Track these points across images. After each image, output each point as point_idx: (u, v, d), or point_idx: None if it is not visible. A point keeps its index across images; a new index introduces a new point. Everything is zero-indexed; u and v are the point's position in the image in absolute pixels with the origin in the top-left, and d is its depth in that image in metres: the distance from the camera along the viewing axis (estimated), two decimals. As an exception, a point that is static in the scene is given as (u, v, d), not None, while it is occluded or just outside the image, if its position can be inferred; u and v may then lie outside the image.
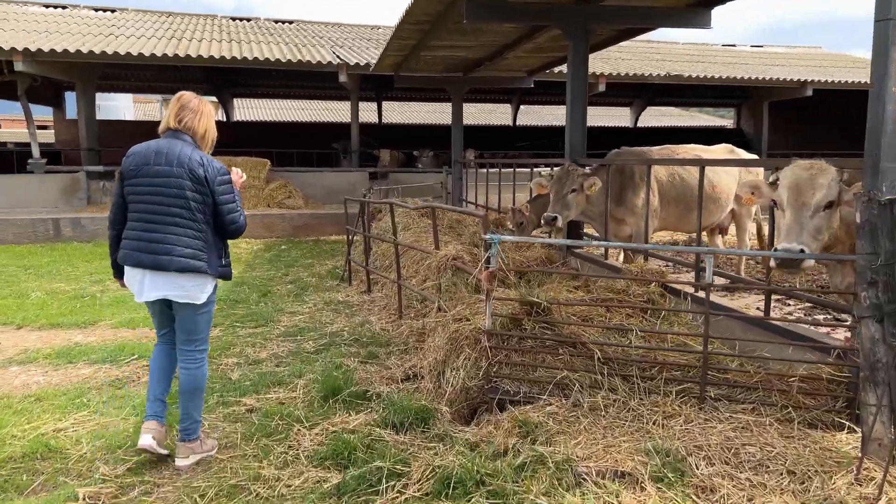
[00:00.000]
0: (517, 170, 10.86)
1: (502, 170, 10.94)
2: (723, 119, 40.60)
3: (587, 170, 6.87)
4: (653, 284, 4.73)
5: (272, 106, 32.54)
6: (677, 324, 4.38)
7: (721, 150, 7.63)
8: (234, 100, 26.92)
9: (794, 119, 22.59)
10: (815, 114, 22.02)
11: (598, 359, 3.81)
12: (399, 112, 32.15)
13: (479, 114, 31.59)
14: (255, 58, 14.46)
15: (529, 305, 3.90)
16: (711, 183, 7.24)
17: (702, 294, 4.69)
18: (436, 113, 32.04)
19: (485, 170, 12.52)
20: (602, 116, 33.62)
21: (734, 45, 25.93)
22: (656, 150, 7.37)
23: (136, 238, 3.53)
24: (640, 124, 29.75)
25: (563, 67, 15.66)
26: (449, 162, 18.73)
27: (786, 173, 3.80)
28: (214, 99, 26.08)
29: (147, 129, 25.13)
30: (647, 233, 6.18)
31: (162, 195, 3.50)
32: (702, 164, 5.41)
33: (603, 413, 3.65)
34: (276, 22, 21.82)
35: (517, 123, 28.59)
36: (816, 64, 20.85)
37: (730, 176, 7.34)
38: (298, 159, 19.37)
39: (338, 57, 15.43)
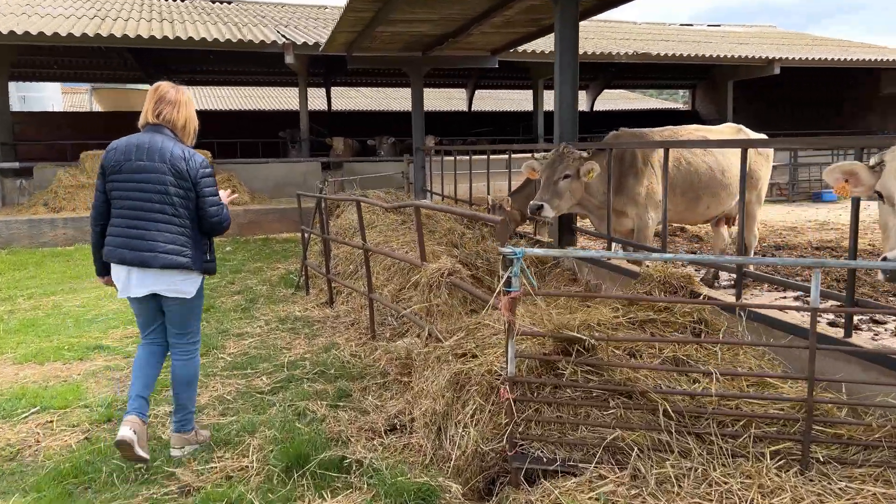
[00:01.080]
0: (492, 157, 9.88)
1: (473, 157, 9.88)
2: (671, 102, 40.48)
3: (584, 153, 5.88)
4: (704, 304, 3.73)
5: (213, 94, 30.63)
6: (742, 353, 3.40)
7: (728, 130, 6.74)
8: (171, 88, 25.07)
9: (755, 99, 22.17)
10: (778, 94, 21.63)
11: (663, 412, 2.81)
12: (349, 99, 30.67)
13: (435, 99, 30.35)
14: (190, 38, 12.98)
15: (567, 342, 2.87)
16: (722, 167, 6.34)
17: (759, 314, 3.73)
18: (388, 99, 30.73)
19: (451, 158, 11.46)
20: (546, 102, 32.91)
21: (691, 25, 25.41)
22: (656, 132, 6.42)
23: (120, 235, 3.51)
24: (595, 108, 29.11)
25: (528, 46, 14.72)
26: (408, 150, 17.65)
27: (897, 155, 2.85)
28: (149, 87, 24.23)
29: (74, 121, 23.24)
30: (664, 225, 5.21)
31: (144, 191, 3.48)
32: (743, 145, 4.44)
33: (676, 489, 2.65)
34: (214, 1, 20.17)
35: (473, 109, 27.54)
36: (778, 42, 20.41)
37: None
38: (242, 150, 17.89)
39: (283, 36, 14.06)
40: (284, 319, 6.42)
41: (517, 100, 32.79)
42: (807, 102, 22.36)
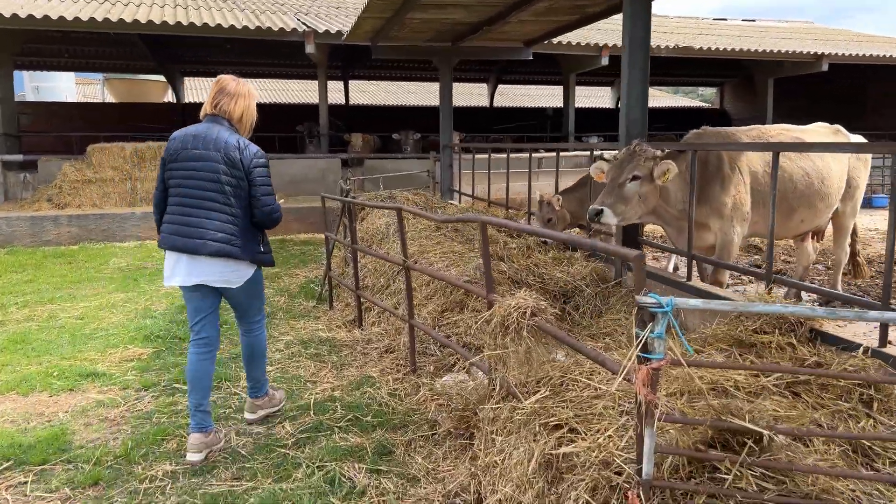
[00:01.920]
0: (524, 156, 9.02)
1: (510, 155, 9.00)
2: (687, 100, 39.24)
3: (659, 152, 5.00)
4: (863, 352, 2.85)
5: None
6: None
7: (823, 131, 5.81)
8: (185, 79, 24.34)
9: (795, 96, 21.05)
10: (819, 91, 20.53)
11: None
12: (366, 93, 29.82)
13: (454, 94, 29.34)
14: (205, 24, 12.16)
15: (730, 433, 2.01)
16: (821, 175, 5.42)
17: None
18: (406, 93, 29.87)
19: (483, 156, 10.61)
20: (580, 98, 31.79)
21: (725, 20, 24.37)
22: (742, 132, 5.51)
23: (173, 222, 3.56)
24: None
25: (563, 38, 13.79)
26: (432, 147, 16.82)
27: None
28: (162, 78, 23.51)
29: (84, 111, 22.53)
30: (770, 248, 4.31)
31: (197, 178, 3.53)
32: (883, 149, 3.54)
33: None
34: (230, -11, 19.34)
35: (494, 104, 26.62)
36: (822, 37, 19.33)
37: (841, 165, 5.55)
38: (259, 145, 17.08)
39: (304, 24, 13.22)
40: (308, 342, 5.57)
41: (538, 95, 31.81)
42: (841, 99, 21.21)
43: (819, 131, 5.77)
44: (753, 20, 24.40)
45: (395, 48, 11.61)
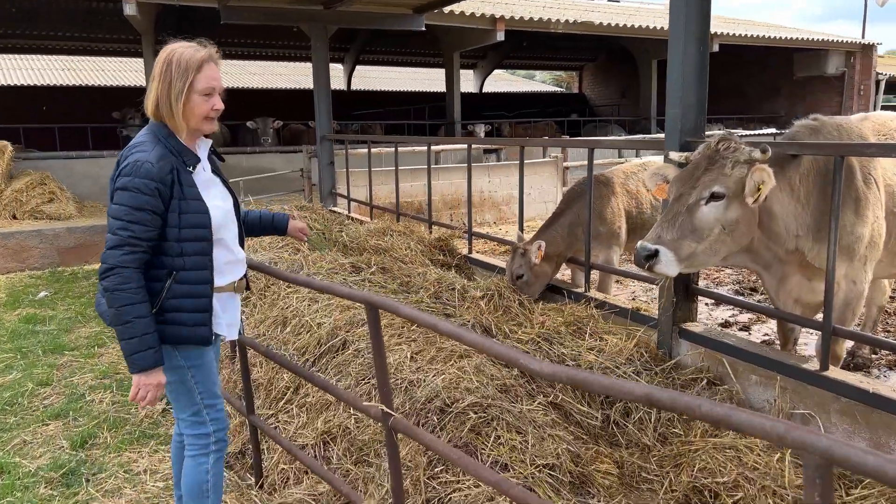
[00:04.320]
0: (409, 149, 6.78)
1: (399, 149, 6.69)
2: (544, 85, 38.77)
3: (758, 152, 2.99)
4: None
5: (33, 65, 24.39)
6: None
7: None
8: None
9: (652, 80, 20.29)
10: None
11: None
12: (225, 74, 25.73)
13: (298, 75, 26.14)
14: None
15: None
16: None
17: None
18: (249, 75, 26.23)
19: (347, 149, 8.32)
20: (438, 80, 29.67)
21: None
22: (854, 122, 3.59)
23: None
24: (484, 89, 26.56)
25: (455, 7, 11.59)
26: (293, 138, 14.02)
27: None
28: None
29: None
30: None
31: None
32: None
33: None
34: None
35: (352, 87, 23.93)
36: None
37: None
38: (63, 138, 13.31)
39: (119, -22, 9.92)
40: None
41: (395, 78, 29.40)
42: (730, 84, 20.93)
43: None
44: (618, 1, 23.69)
45: (252, 10, 8.80)
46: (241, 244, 2.68)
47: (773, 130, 14.73)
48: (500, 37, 12.03)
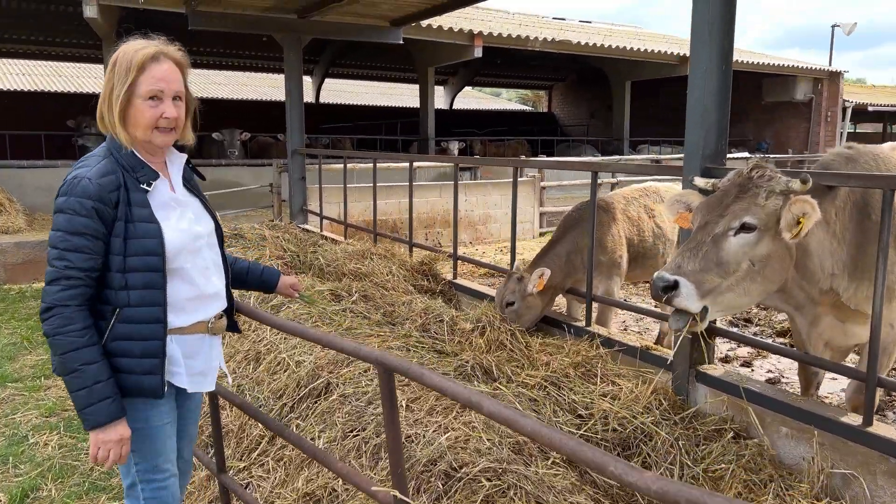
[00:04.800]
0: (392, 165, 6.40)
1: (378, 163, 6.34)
2: (511, 103, 38.77)
3: (791, 183, 2.71)
4: None
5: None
6: None
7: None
8: None
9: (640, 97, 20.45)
10: (649, 102, 20.20)
11: None
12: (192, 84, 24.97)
13: (264, 87, 25.56)
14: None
15: None
16: None
17: None
18: (215, 86, 25.57)
19: (320, 163, 7.96)
20: (408, 95, 29.40)
21: (564, 19, 23.49)
22: (888, 150, 3.35)
23: None
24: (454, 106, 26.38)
25: (433, 21, 11.30)
26: (260, 151, 13.55)
27: None
28: None
29: None
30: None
31: None
32: None
33: None
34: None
35: (321, 100, 23.47)
36: (680, 42, 18.82)
37: None
38: (13, 146, 12.57)
39: (78, -21, 9.38)
40: None
41: (370, 94, 29.02)
42: (676, 108, 21.22)
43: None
44: (590, 21, 23.79)
45: (222, 17, 8.36)
46: (226, 275, 2.27)
47: (745, 154, 14.78)
48: (478, 53, 11.78)
